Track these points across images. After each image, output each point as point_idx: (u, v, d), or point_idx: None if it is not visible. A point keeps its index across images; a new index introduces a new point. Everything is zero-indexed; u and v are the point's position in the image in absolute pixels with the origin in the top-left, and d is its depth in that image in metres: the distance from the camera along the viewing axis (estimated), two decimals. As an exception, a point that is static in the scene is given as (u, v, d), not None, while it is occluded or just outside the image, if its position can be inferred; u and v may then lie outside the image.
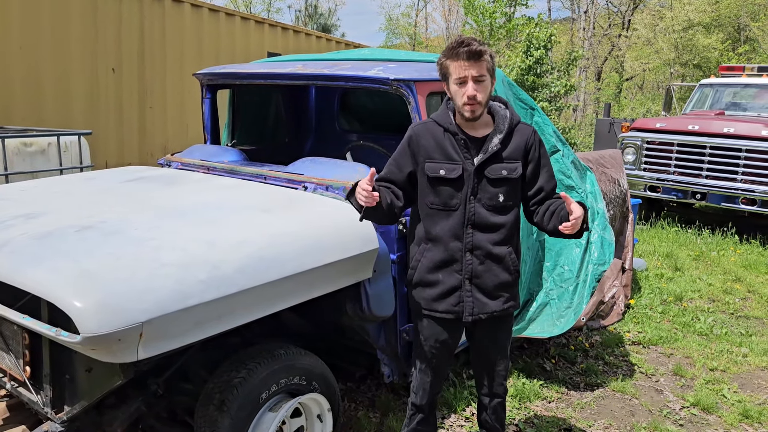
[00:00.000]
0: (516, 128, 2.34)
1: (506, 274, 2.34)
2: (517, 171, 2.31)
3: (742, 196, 7.45)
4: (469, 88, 2.20)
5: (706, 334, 4.66)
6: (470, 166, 2.27)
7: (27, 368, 2.25)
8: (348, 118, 4.66)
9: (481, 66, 2.20)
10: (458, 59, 2.20)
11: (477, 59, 2.19)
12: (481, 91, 2.21)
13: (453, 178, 2.28)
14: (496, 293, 2.35)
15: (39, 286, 1.97)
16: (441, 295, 2.35)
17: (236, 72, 3.66)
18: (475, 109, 2.23)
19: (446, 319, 2.37)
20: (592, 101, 26.44)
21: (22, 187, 3.12)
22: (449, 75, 2.25)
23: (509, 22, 15.61)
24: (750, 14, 25.54)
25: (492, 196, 2.29)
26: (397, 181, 2.37)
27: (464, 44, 2.19)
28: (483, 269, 2.31)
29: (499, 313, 2.37)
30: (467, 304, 2.33)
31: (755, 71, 9.33)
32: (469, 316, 2.34)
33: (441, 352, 2.43)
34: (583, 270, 3.69)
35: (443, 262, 2.33)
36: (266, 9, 35.56)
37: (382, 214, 2.30)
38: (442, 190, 2.30)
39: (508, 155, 2.30)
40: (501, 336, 2.46)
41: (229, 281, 2.11)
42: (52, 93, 6.76)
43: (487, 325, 2.41)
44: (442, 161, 2.29)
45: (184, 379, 2.58)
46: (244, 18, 9.71)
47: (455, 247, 2.31)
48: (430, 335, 2.41)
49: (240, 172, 3.25)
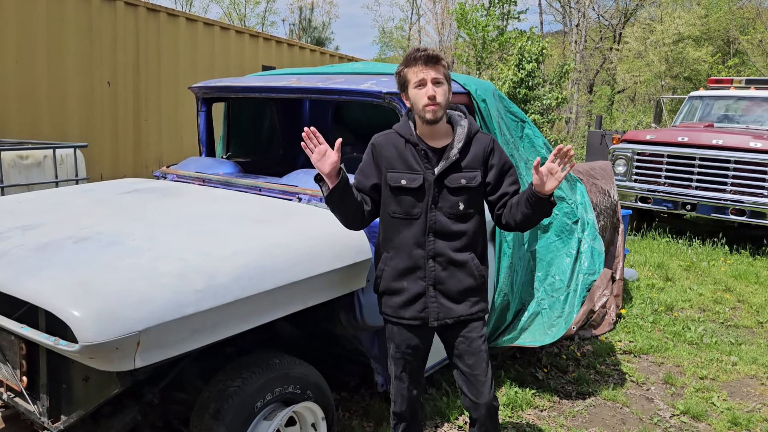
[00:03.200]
0: (474, 138, 2.39)
1: (470, 279, 2.38)
2: (476, 179, 2.36)
3: (732, 207, 7.54)
4: (429, 89, 2.26)
5: (696, 343, 4.71)
6: (431, 176, 2.33)
7: (24, 378, 2.27)
8: (342, 131, 4.72)
9: (438, 70, 2.28)
10: (416, 64, 2.28)
11: (434, 63, 2.27)
12: (441, 94, 2.27)
13: (414, 187, 2.33)
14: (461, 298, 2.38)
15: (37, 295, 2.00)
16: (406, 302, 2.39)
17: (231, 85, 3.71)
18: (436, 110, 2.27)
19: (414, 325, 2.41)
20: (584, 113, 26.65)
21: (19, 199, 3.15)
22: (408, 82, 2.31)
23: (501, 35, 15.77)
24: (739, 28, 25.91)
25: (452, 205, 2.34)
26: (364, 190, 2.44)
27: (421, 50, 2.30)
28: (446, 275, 2.36)
29: (467, 317, 2.40)
30: (432, 309, 2.38)
31: (743, 84, 9.47)
32: (434, 321, 2.38)
33: (414, 357, 2.47)
34: (573, 279, 3.74)
35: (407, 270, 2.38)
36: (260, 23, 35.80)
37: (348, 203, 2.34)
38: (404, 200, 2.36)
39: (467, 164, 2.36)
40: (474, 340, 2.42)
41: (225, 291, 2.15)
42: (47, 106, 6.80)
43: (458, 330, 2.43)
44: (403, 171, 2.35)
45: (179, 388, 2.61)
46: (239, 32, 9.79)
47: (418, 255, 2.36)
48: (401, 341, 2.45)
49: (235, 184, 3.29)
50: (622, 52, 27.16)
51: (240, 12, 36.39)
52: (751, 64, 24.92)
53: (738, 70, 24.03)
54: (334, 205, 2.36)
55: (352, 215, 2.41)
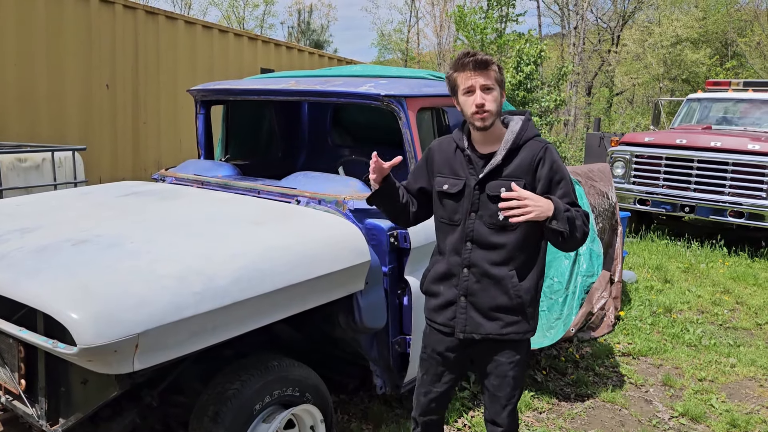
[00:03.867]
0: (525, 144, 2.23)
1: (504, 297, 2.23)
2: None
3: (730, 209, 7.55)
4: (477, 96, 2.16)
5: (695, 345, 4.72)
6: (473, 182, 2.25)
7: (22, 381, 2.27)
8: (340, 133, 4.72)
9: (488, 75, 2.17)
10: (465, 70, 2.18)
11: (483, 69, 2.16)
12: (490, 101, 2.17)
13: (454, 192, 2.28)
14: (492, 315, 2.25)
15: (36, 298, 2.00)
16: (440, 307, 2.35)
17: (230, 88, 3.72)
18: (485, 117, 2.17)
19: (444, 332, 2.36)
20: (583, 116, 26.68)
21: (18, 202, 3.15)
22: (457, 87, 2.21)
23: (500, 38, 15.79)
24: (737, 30, 25.97)
25: (492, 214, 2.21)
26: (412, 191, 2.44)
27: (470, 55, 2.19)
28: (479, 287, 2.25)
29: (497, 336, 2.26)
30: (460, 320, 2.29)
31: (741, 86, 9.49)
32: (460, 333, 2.29)
33: (439, 364, 2.40)
34: (572, 281, 3.75)
35: (444, 275, 2.33)
36: (259, 25, 35.83)
37: (394, 201, 2.36)
38: (447, 204, 2.32)
39: (511, 172, 2.21)
40: (503, 363, 2.30)
41: (224, 293, 2.15)
42: (46, 109, 6.80)
43: (486, 349, 2.32)
44: (448, 176, 2.31)
45: (178, 391, 2.61)
46: (237, 34, 9.80)
47: (454, 262, 2.29)
48: (429, 343, 2.42)
49: (234, 187, 3.29)
50: (620, 54, 27.20)
51: (239, 15, 36.42)
52: (749, 66, 24.97)
53: (736, 72, 24.07)
54: (374, 204, 2.40)
55: (394, 215, 2.43)
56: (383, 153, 4.05)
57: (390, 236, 2.83)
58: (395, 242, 2.85)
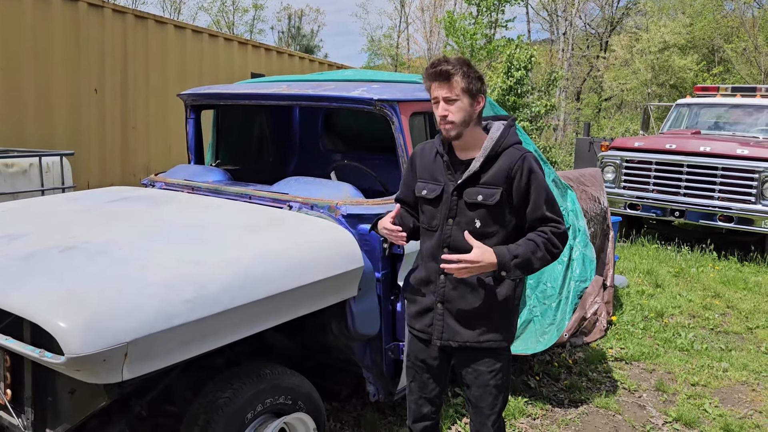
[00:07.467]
0: (504, 152, 2.21)
1: (482, 305, 2.21)
2: (494, 197, 2.18)
3: (720, 213, 7.59)
4: (440, 108, 2.16)
5: (687, 350, 4.72)
6: (450, 188, 2.23)
7: (8, 391, 2.22)
8: (332, 138, 4.69)
9: (450, 86, 2.13)
10: (430, 80, 2.19)
11: (445, 80, 2.13)
12: (453, 111, 2.14)
13: (432, 198, 2.28)
14: (469, 322, 2.23)
15: (22, 306, 1.95)
16: (418, 313, 2.34)
17: (220, 92, 3.69)
18: (449, 128, 2.17)
19: (423, 339, 2.34)
20: (572, 121, 26.83)
21: (4, 208, 3.09)
22: (430, 96, 2.23)
23: (490, 43, 15.87)
24: (723, 36, 26.24)
25: (469, 221, 2.20)
26: (408, 201, 2.42)
27: (433, 65, 2.17)
28: (455, 294, 2.23)
29: (474, 344, 2.23)
30: (437, 326, 2.27)
31: (729, 92, 9.56)
32: (437, 339, 2.27)
33: (423, 371, 2.38)
34: (565, 287, 3.74)
35: (422, 281, 2.33)
36: (249, 30, 35.77)
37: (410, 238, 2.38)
38: (426, 210, 2.32)
39: (487, 180, 2.19)
40: (483, 373, 2.27)
41: (215, 300, 2.11)
42: (33, 113, 6.72)
43: (465, 358, 2.29)
44: (428, 181, 2.31)
45: (168, 400, 2.56)
46: (228, 39, 9.77)
47: (432, 268, 2.28)
48: (411, 351, 2.41)
49: (225, 192, 3.26)
50: (608, 60, 27.41)
51: (228, 20, 36.35)
52: (735, 71, 25.22)
53: (723, 77, 24.30)
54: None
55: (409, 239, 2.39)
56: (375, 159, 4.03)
57: (383, 242, 2.81)
58: (388, 248, 2.83)
